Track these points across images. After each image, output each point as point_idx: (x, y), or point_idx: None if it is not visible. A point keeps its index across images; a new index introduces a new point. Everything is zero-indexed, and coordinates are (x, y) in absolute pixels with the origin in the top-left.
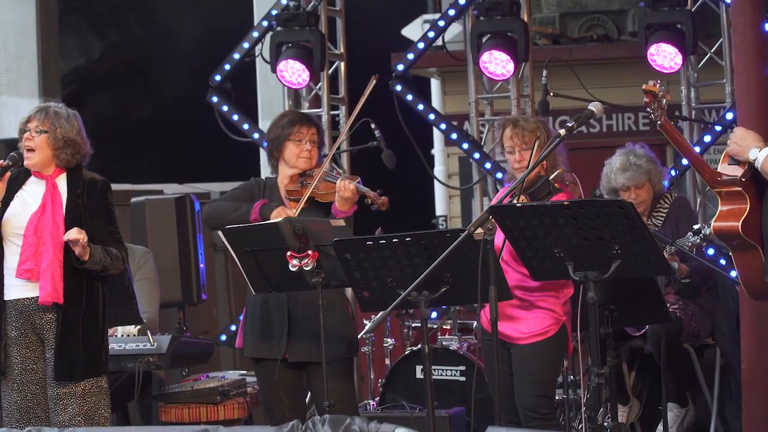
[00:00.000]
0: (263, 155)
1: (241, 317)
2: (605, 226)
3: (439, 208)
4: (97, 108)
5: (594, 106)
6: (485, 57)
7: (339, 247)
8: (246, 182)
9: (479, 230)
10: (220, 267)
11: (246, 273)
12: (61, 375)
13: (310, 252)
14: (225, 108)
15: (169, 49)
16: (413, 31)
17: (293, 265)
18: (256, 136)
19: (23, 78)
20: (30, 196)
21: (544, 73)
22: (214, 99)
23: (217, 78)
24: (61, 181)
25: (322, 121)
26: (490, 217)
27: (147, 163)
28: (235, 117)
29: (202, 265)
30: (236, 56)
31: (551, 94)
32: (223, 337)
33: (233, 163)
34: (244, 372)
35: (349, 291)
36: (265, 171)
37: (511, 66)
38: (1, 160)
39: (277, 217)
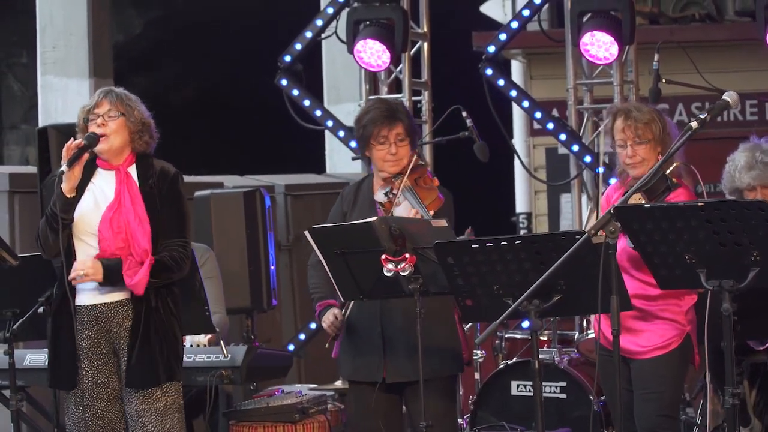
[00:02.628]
0: (330, 144)
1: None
2: (743, 230)
3: (521, 205)
4: (137, 89)
5: (729, 96)
6: (586, 38)
7: (440, 250)
8: (333, 207)
9: (599, 233)
10: (284, 268)
11: (334, 278)
12: (133, 381)
13: (407, 255)
14: (295, 92)
15: (217, 25)
16: (493, 8)
17: (388, 269)
18: (329, 123)
19: (72, 56)
20: (100, 191)
21: (656, 57)
22: (284, 82)
23: (287, 59)
24: (133, 171)
25: None
26: (614, 219)
27: (194, 151)
28: (307, 102)
29: (272, 267)
30: (308, 34)
31: (663, 80)
32: (291, 347)
33: (299, 152)
34: (315, 386)
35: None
36: (332, 162)
37: (615, 49)
38: (79, 140)
39: (324, 321)
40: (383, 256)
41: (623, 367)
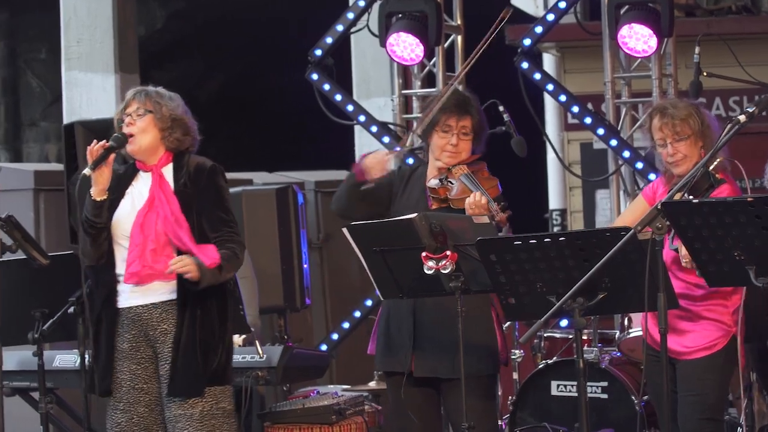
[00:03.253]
0: (360, 140)
1: (376, 323)
2: None
3: (554, 202)
4: (159, 84)
5: None
6: (624, 31)
7: (483, 248)
8: (388, 173)
9: (645, 229)
10: (315, 267)
11: (373, 276)
12: (175, 390)
13: (448, 252)
14: (326, 87)
15: (243, 18)
16: (524, 0)
17: (429, 267)
18: (362, 118)
19: (96, 51)
20: (137, 194)
21: (696, 49)
22: (314, 76)
23: (318, 53)
24: (168, 171)
25: None
26: (661, 214)
27: (221, 147)
28: (338, 97)
29: (305, 266)
30: (339, 28)
31: (704, 74)
32: (324, 347)
33: (327, 148)
34: (347, 387)
35: None
36: None
37: (653, 41)
38: (104, 141)
39: (373, 163)
40: (423, 254)
41: (670, 368)
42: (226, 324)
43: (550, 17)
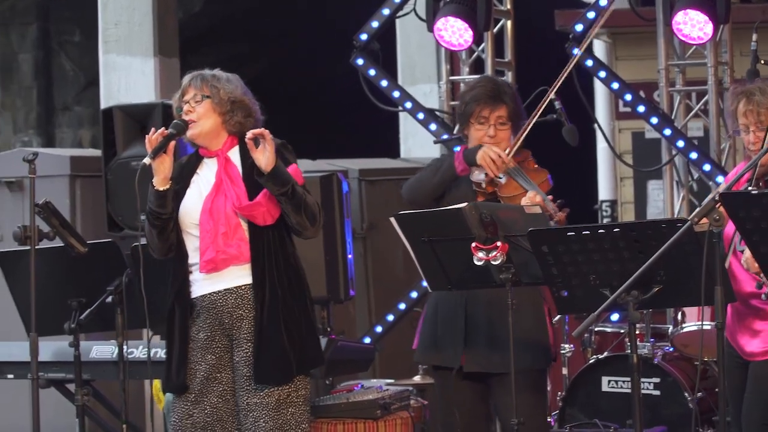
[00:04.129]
0: (405, 127)
1: (422, 316)
2: None
3: (604, 192)
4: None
5: None
6: (679, 17)
7: (534, 238)
8: (436, 159)
9: (703, 221)
10: (359, 257)
11: (421, 266)
12: (262, 378)
13: (498, 243)
14: (372, 72)
15: (282, 1)
16: None
17: (479, 258)
18: (408, 105)
19: (135, 33)
20: (204, 181)
21: (754, 37)
22: (360, 61)
23: (363, 37)
24: (234, 154)
25: None
26: (718, 205)
27: None
28: (384, 83)
29: (350, 256)
30: (385, 12)
31: (761, 62)
32: (367, 340)
33: (370, 135)
34: (392, 381)
35: None
36: (407, 147)
37: (709, 28)
38: (163, 129)
39: (484, 158)
40: (473, 244)
41: (743, 368)
42: (307, 302)
43: (603, 2)
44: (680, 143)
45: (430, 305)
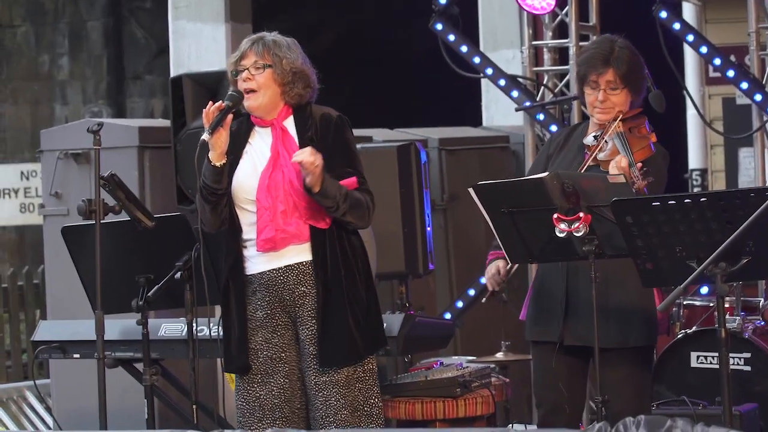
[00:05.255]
0: (487, 95)
1: (529, 289)
2: None
3: (694, 161)
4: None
5: None
6: None
7: (618, 209)
8: (540, 150)
9: None
10: (439, 230)
11: (501, 239)
12: (327, 361)
13: (581, 214)
14: (451, 37)
15: None
16: None
17: (561, 229)
18: (489, 71)
19: None
20: (257, 152)
21: None
22: (439, 26)
23: (442, 1)
24: (290, 124)
25: (569, 54)
26: None
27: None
28: (464, 48)
29: (429, 229)
30: None
31: None
32: (447, 316)
33: (452, 103)
34: (473, 358)
35: None
36: (489, 114)
37: None
38: (221, 101)
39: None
40: (555, 215)
41: None
42: (370, 281)
43: None
44: None
45: (537, 278)
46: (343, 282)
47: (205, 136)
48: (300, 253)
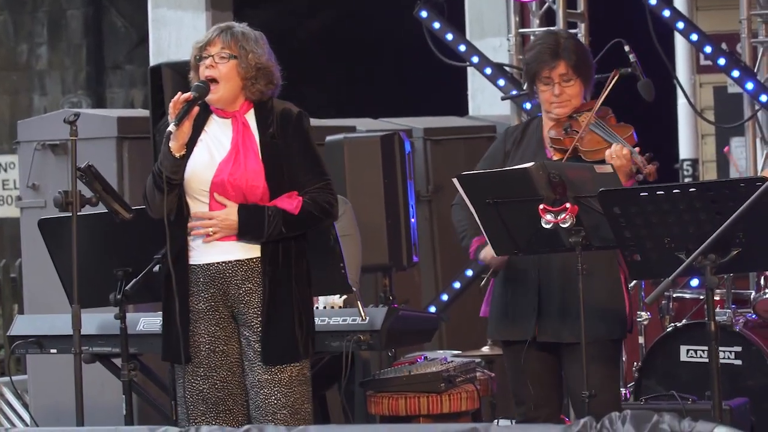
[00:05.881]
0: (473, 84)
1: (491, 283)
2: None
3: (685, 151)
4: (257, 23)
5: None
6: None
7: (606, 199)
8: (493, 144)
9: None
10: (424, 221)
11: (486, 230)
12: (269, 358)
13: (568, 205)
14: (436, 25)
15: None
16: None
17: (547, 221)
18: (475, 60)
19: None
20: (215, 142)
21: None
22: (423, 14)
23: None
24: (251, 118)
25: None
26: None
27: (323, 92)
28: (449, 36)
29: (413, 220)
30: None
31: None
32: (432, 309)
33: (437, 92)
34: (458, 352)
35: None
36: (475, 104)
37: None
38: (189, 93)
39: (484, 257)
40: (541, 206)
41: None
42: (310, 281)
43: None
44: (763, 98)
45: (501, 274)
46: (291, 280)
47: (171, 127)
48: (249, 250)
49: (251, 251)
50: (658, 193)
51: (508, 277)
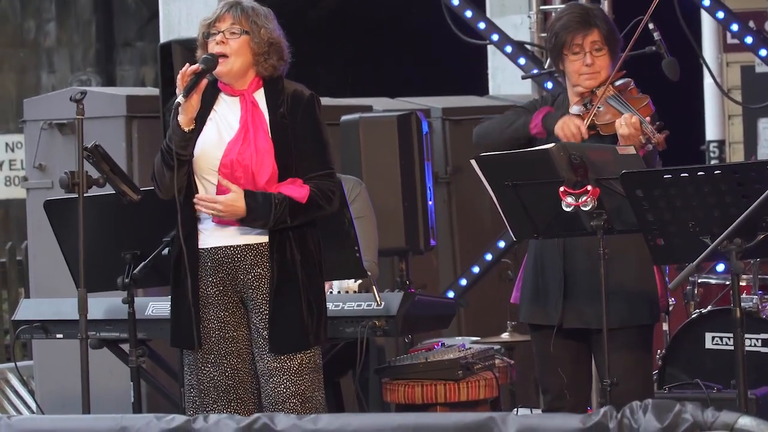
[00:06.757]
0: (494, 62)
1: (521, 267)
2: None
3: (711, 132)
4: (269, 2)
5: None
6: None
7: (628, 182)
8: (529, 101)
9: None
10: (442, 204)
11: (505, 214)
12: (277, 346)
13: (589, 187)
14: (455, 2)
15: None
16: None
17: (567, 203)
18: (495, 38)
19: None
20: (224, 121)
21: None
22: None
23: None
24: (260, 97)
25: None
26: None
27: (338, 70)
28: (469, 13)
29: (430, 203)
30: None
31: None
32: (450, 294)
33: (457, 71)
34: (477, 339)
35: None
36: (495, 83)
37: None
38: (196, 65)
39: (563, 129)
40: (562, 189)
41: None
42: (322, 268)
43: None
44: None
45: (529, 258)
46: (298, 266)
47: (179, 99)
48: (258, 234)
49: (260, 236)
50: (682, 175)
51: (536, 260)
